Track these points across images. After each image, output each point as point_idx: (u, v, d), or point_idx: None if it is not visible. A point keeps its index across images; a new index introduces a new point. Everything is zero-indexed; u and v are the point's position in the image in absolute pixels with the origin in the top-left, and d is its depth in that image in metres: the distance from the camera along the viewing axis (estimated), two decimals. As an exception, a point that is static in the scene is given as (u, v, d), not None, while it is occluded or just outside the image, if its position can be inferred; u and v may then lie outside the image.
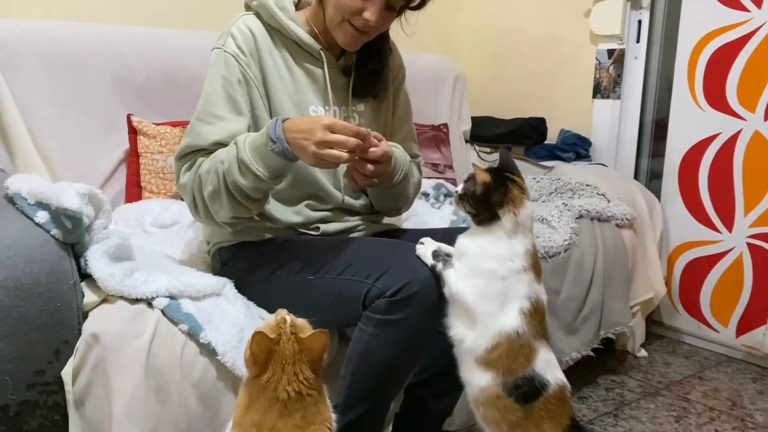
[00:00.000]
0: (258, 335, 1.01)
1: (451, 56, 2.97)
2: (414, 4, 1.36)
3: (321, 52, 1.41)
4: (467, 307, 1.18)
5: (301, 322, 1.08)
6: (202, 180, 1.30)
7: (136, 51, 1.96)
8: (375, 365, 1.22)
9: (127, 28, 2.01)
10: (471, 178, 1.22)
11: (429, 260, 1.22)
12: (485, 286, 1.17)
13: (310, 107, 1.41)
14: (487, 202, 1.18)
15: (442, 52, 2.92)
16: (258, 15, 1.39)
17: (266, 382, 1.02)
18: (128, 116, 1.91)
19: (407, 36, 1.44)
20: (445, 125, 2.73)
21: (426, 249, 1.24)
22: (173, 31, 2.11)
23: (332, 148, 1.17)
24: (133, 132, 1.90)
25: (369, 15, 1.30)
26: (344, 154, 1.19)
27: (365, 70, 1.46)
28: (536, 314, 1.18)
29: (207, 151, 1.32)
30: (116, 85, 1.92)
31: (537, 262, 1.22)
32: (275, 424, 1.00)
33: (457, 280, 1.18)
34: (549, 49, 2.90)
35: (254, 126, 1.36)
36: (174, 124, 1.95)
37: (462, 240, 1.22)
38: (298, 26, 1.38)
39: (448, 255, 1.25)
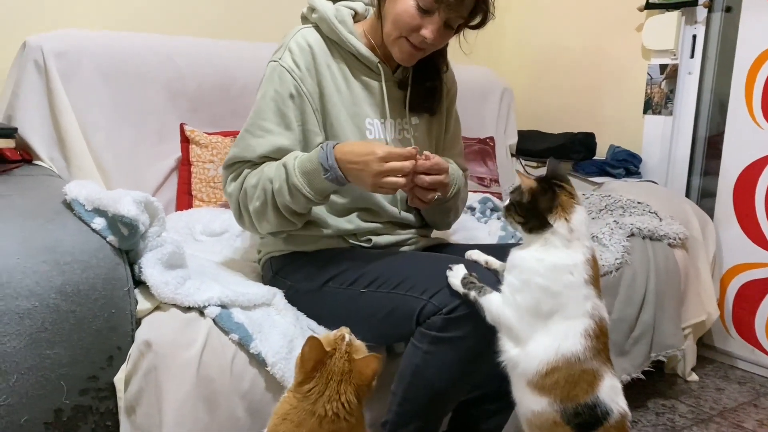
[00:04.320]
0: (313, 340, 1.01)
1: (497, 69, 2.95)
2: (474, 23, 1.35)
3: (379, 65, 1.40)
4: (511, 328, 1.12)
5: (359, 344, 1.07)
6: (248, 194, 1.32)
7: (190, 61, 1.99)
8: (428, 383, 1.20)
9: (181, 39, 2.04)
10: (517, 189, 1.16)
11: (460, 289, 1.17)
12: (537, 302, 1.09)
13: (366, 120, 1.40)
14: (535, 208, 1.12)
15: (489, 65, 2.90)
16: (317, 27, 1.39)
17: (307, 392, 1.01)
18: (181, 125, 1.94)
19: (464, 54, 1.43)
20: (491, 139, 2.70)
21: (455, 278, 1.19)
22: (225, 42, 2.13)
23: (388, 175, 1.20)
24: (185, 141, 1.93)
25: (427, 33, 1.29)
26: (401, 180, 1.21)
27: (423, 86, 1.45)
28: (601, 335, 1.10)
29: (253, 163, 1.33)
30: (170, 94, 1.95)
31: (597, 275, 1.14)
32: None
33: (497, 304, 1.13)
34: (598, 63, 2.86)
35: (304, 141, 1.36)
36: (225, 134, 1.97)
37: (516, 252, 1.15)
38: (356, 39, 1.38)
39: (497, 271, 1.22)
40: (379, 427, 1.26)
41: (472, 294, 1.16)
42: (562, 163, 2.67)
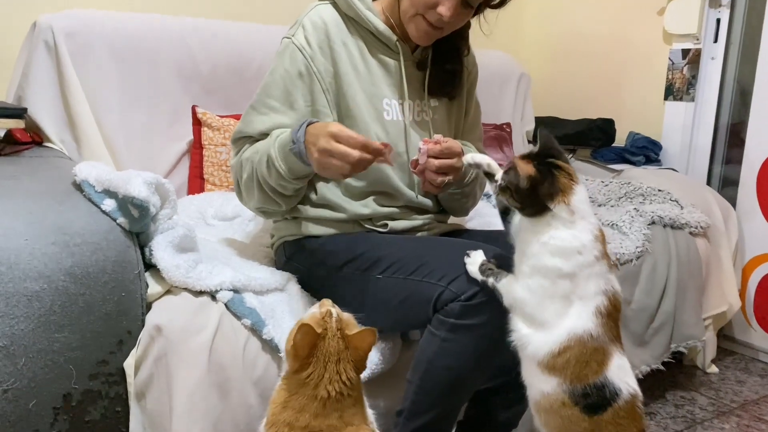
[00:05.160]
0: (304, 327, 0.96)
1: (515, 54, 2.89)
2: (494, 2, 1.30)
3: (397, 43, 1.36)
4: (529, 313, 1.09)
5: (347, 317, 1.04)
6: (242, 166, 1.31)
7: (203, 43, 1.95)
8: (445, 371, 1.16)
9: (194, 21, 2.00)
10: (512, 168, 1.10)
11: (478, 276, 1.13)
12: (551, 285, 1.06)
13: (383, 100, 1.36)
14: (535, 195, 1.06)
15: (507, 50, 2.84)
16: (334, 4, 1.35)
17: (306, 378, 0.98)
18: (193, 108, 1.91)
19: (484, 35, 1.39)
20: (508, 125, 2.66)
21: (473, 265, 1.15)
22: (239, 24, 2.09)
23: (335, 157, 1.12)
24: (197, 123, 1.90)
25: (443, 10, 1.25)
26: (345, 166, 1.12)
27: (443, 69, 1.41)
28: (614, 311, 1.07)
29: (255, 139, 1.32)
30: (182, 76, 1.92)
31: (605, 248, 1.10)
32: (308, 424, 0.96)
33: (514, 289, 1.09)
34: (618, 48, 2.79)
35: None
36: (238, 117, 1.92)
37: (522, 236, 1.11)
38: (375, 16, 1.34)
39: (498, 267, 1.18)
40: (395, 416, 1.23)
41: (491, 281, 1.12)
42: (577, 155, 2.64)
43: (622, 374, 1.08)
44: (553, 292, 1.06)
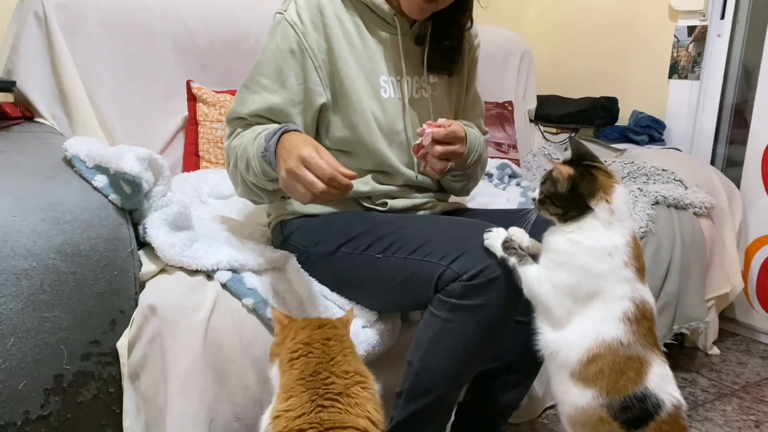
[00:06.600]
0: None
1: (518, 31, 2.83)
2: None
3: (395, 17, 1.31)
4: (549, 308, 1.05)
5: None
6: (229, 153, 1.29)
7: (198, 17, 1.90)
8: (447, 353, 1.13)
9: (189, -9, 1.95)
10: (548, 179, 1.08)
11: (499, 252, 1.09)
12: (575, 283, 1.02)
13: (381, 77, 1.32)
14: (576, 196, 1.04)
15: (509, 26, 2.79)
16: None
17: None
18: (188, 83, 1.86)
19: (482, 8, 1.34)
20: (510, 103, 2.61)
21: (495, 240, 1.11)
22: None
23: (301, 183, 1.06)
24: (192, 99, 1.85)
25: None
26: (308, 194, 1.06)
27: (442, 44, 1.36)
28: (644, 319, 1.02)
29: (247, 121, 1.28)
30: (177, 50, 1.87)
31: (639, 257, 1.05)
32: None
33: (537, 280, 1.05)
34: (622, 25, 2.74)
35: (305, 100, 1.28)
36: (234, 93, 1.87)
37: (550, 237, 1.08)
38: None
39: (521, 248, 1.13)
40: (394, 398, 1.21)
41: (512, 260, 1.08)
42: (580, 134, 2.60)
43: (663, 384, 1.02)
44: (575, 292, 1.03)
